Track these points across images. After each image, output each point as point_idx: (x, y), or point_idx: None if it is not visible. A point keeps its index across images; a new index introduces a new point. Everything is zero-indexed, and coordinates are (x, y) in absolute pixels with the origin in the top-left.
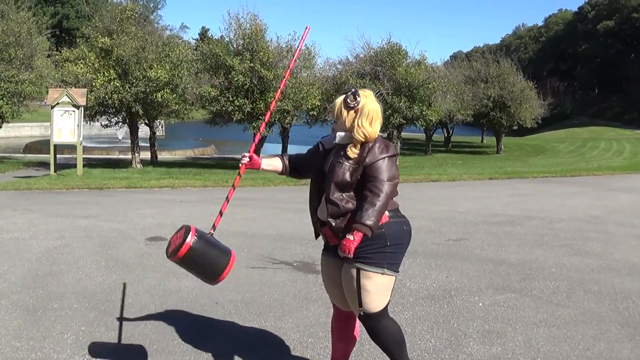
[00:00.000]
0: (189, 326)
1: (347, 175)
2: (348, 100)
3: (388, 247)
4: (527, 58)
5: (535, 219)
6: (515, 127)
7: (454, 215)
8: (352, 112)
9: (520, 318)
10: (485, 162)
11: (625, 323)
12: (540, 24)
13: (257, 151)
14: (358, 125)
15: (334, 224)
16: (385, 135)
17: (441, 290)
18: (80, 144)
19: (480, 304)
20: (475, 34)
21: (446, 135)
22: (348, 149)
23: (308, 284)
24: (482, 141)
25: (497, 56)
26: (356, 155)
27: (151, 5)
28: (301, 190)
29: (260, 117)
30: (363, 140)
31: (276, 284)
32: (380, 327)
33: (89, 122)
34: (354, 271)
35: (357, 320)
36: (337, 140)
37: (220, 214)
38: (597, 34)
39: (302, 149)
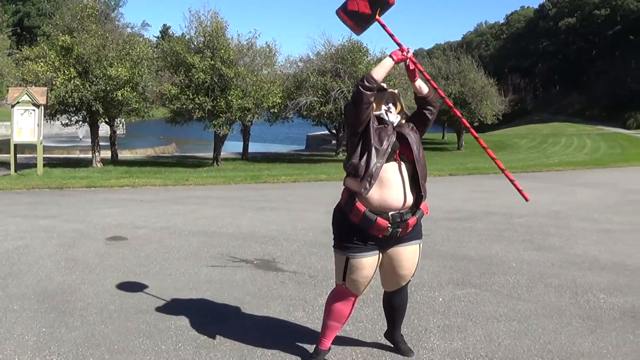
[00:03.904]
0: (150, 325)
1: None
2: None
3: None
4: (489, 55)
5: (495, 214)
6: (476, 124)
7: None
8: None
9: (481, 313)
10: (446, 159)
11: (586, 316)
12: (501, 21)
13: (218, 150)
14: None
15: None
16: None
17: None
18: (41, 143)
19: (441, 299)
20: (436, 31)
21: None
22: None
23: (268, 281)
24: (443, 138)
25: (458, 53)
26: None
27: (112, 3)
28: (262, 189)
29: (221, 114)
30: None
31: (236, 283)
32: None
33: (49, 121)
34: (418, 247)
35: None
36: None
37: None
38: (559, 31)
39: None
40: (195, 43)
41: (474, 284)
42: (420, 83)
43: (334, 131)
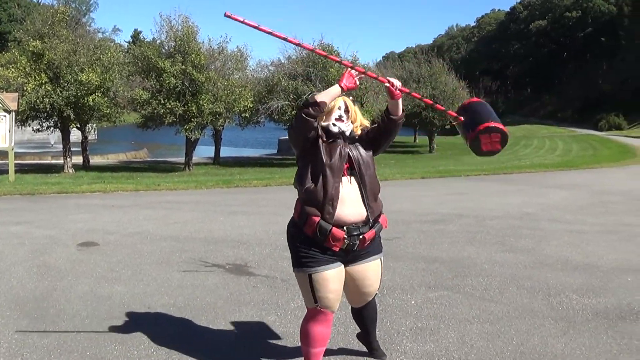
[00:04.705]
0: (121, 331)
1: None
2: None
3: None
4: (460, 58)
5: (467, 217)
6: (447, 127)
7: (386, 215)
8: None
9: (453, 315)
10: (418, 162)
11: (559, 317)
12: (472, 24)
13: (189, 155)
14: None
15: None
16: None
17: None
18: (12, 149)
19: (413, 302)
20: (407, 34)
21: None
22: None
23: (240, 286)
24: (414, 141)
25: (429, 56)
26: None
27: (83, 8)
28: (233, 193)
29: (193, 119)
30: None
31: (208, 287)
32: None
33: (20, 127)
34: (379, 261)
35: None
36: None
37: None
38: (530, 34)
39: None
40: (166, 48)
41: (446, 287)
42: (400, 103)
43: None
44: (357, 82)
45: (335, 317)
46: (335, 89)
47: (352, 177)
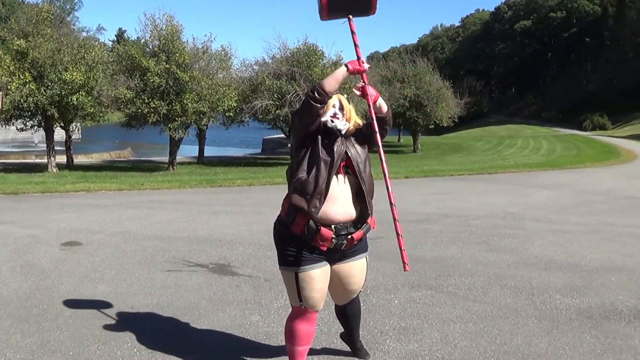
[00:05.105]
0: (105, 331)
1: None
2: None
3: None
4: (444, 58)
5: (451, 216)
6: (431, 126)
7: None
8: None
9: (437, 314)
10: (402, 161)
11: (542, 317)
12: (457, 24)
13: (173, 154)
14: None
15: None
16: None
17: None
18: None
19: (396, 302)
20: (392, 34)
21: None
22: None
23: (224, 286)
24: (399, 140)
25: (413, 56)
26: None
27: (67, 7)
28: (217, 193)
29: (177, 118)
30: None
31: (192, 287)
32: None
33: (4, 126)
34: (365, 260)
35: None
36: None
37: None
38: (514, 34)
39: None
40: (150, 47)
41: (430, 286)
42: (380, 102)
43: (289, 134)
44: (365, 67)
45: (319, 317)
46: (342, 70)
47: (347, 177)
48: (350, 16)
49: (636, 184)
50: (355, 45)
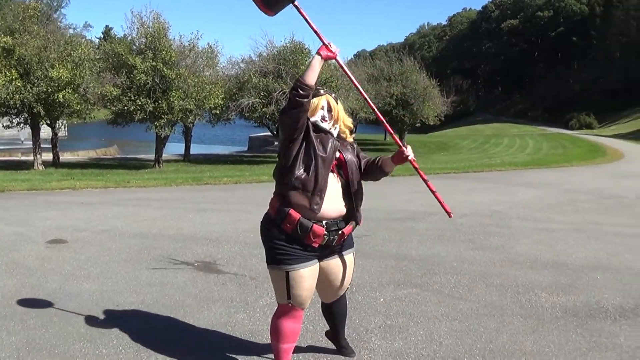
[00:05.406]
0: (90, 329)
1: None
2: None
3: None
4: (431, 56)
5: (437, 214)
6: (418, 125)
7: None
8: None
9: (422, 312)
10: None
11: (528, 315)
12: (444, 22)
13: (159, 152)
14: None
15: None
16: None
17: None
18: None
19: (382, 300)
20: (379, 32)
21: None
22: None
23: (209, 284)
24: (385, 139)
25: (400, 55)
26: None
27: (54, 4)
28: (203, 190)
29: (163, 116)
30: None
31: (177, 285)
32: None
33: None
34: (352, 255)
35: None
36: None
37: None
38: (501, 33)
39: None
40: (137, 44)
41: (415, 284)
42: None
43: (276, 132)
44: (334, 49)
45: (305, 315)
46: (317, 60)
47: (338, 175)
48: (295, 2)
49: (622, 183)
50: (315, 31)
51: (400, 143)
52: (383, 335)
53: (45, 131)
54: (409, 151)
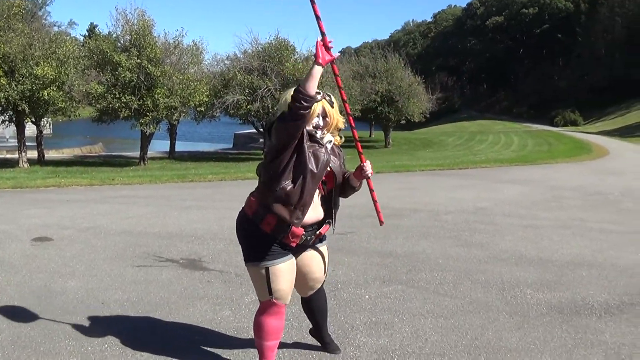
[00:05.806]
0: (76, 327)
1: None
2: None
3: None
4: (416, 53)
5: (422, 211)
6: (403, 122)
7: (340, 210)
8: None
9: (407, 309)
10: (373, 157)
11: (513, 312)
12: (429, 19)
13: (144, 149)
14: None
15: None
16: None
17: (327, 284)
18: None
19: (367, 296)
20: (364, 29)
21: None
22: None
23: (194, 281)
24: (370, 135)
25: (385, 51)
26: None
27: (39, 2)
28: (188, 188)
29: (148, 113)
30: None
31: (162, 282)
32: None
33: None
34: (325, 247)
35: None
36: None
37: None
38: (486, 30)
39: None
40: (121, 42)
41: (401, 281)
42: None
43: (262, 129)
44: (331, 47)
45: (289, 312)
46: (316, 69)
47: (322, 185)
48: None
49: (607, 179)
50: (322, 32)
51: (362, 157)
52: (368, 332)
53: (30, 129)
54: (367, 166)
